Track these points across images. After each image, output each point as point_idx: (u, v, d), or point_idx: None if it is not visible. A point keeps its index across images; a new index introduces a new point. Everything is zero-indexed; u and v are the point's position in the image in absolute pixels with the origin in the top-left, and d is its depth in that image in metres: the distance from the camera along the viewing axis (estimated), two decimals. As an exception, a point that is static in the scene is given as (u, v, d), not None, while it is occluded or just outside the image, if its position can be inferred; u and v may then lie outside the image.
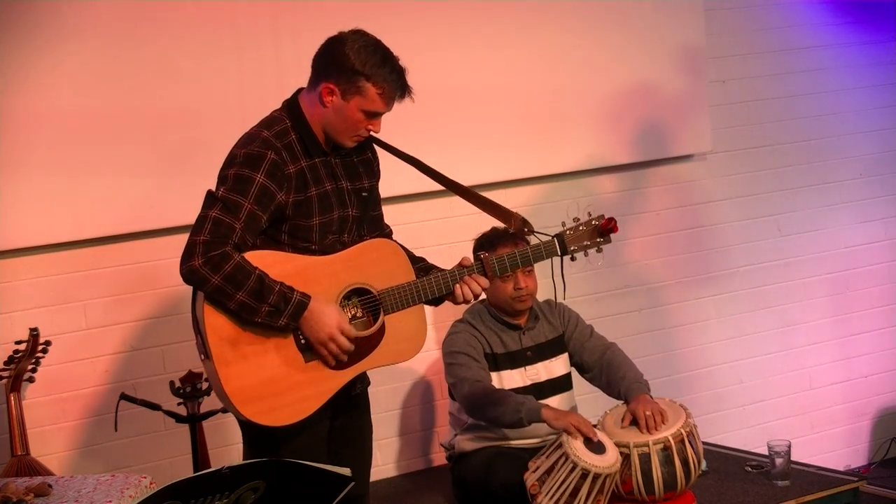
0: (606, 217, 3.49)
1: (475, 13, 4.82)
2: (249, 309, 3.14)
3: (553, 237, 3.49)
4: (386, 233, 3.56)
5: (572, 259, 3.50)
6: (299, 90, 3.37)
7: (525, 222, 3.41)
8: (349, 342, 3.24)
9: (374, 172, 3.48)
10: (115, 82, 4.24)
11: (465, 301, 3.40)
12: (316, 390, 3.26)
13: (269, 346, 3.21)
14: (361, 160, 3.43)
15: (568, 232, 3.49)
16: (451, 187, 3.50)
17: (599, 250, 3.51)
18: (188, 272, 3.15)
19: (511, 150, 4.91)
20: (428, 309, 3.47)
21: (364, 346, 3.31)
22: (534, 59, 4.95)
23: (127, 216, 4.29)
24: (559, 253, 3.48)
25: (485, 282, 3.41)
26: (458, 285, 3.38)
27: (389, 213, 3.65)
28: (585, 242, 3.49)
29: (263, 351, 3.21)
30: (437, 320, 4.69)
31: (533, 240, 3.50)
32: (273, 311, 3.15)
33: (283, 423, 3.21)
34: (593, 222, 3.50)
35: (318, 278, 3.25)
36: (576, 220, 3.51)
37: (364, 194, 3.42)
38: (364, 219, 3.44)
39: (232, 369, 3.17)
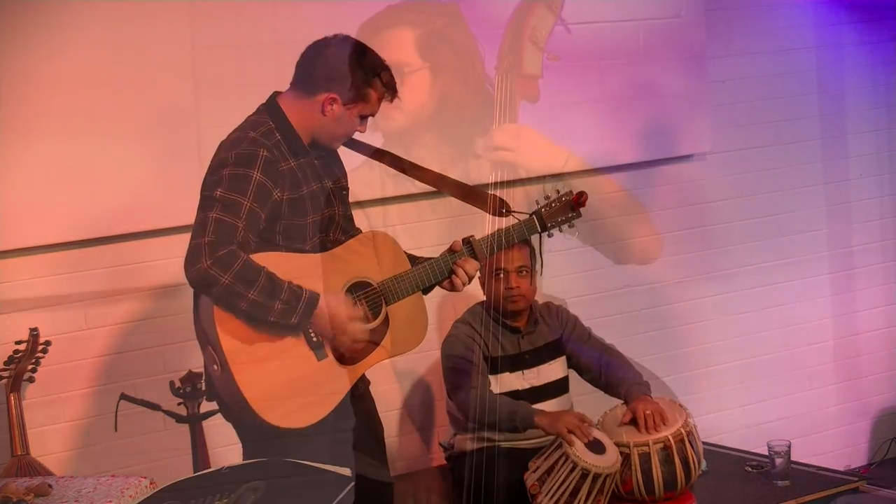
0: (576, 192, 3.61)
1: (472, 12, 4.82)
2: (262, 307, 3.10)
3: (531, 214, 3.58)
4: (358, 230, 3.55)
5: (549, 235, 3.63)
6: (276, 93, 3.35)
7: (503, 202, 3.49)
8: (362, 331, 3.25)
9: (344, 171, 3.49)
10: (114, 81, 4.23)
11: (463, 284, 3.45)
12: (331, 388, 3.25)
13: (281, 347, 3.19)
14: (333, 160, 3.44)
15: (543, 209, 3.60)
16: (422, 177, 3.55)
17: (572, 225, 3.64)
18: (197, 275, 3.09)
19: (510, 150, 4.90)
20: (428, 310, 3.47)
21: (371, 340, 3.32)
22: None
23: (127, 216, 4.28)
24: (539, 229, 3.59)
25: (476, 263, 3.47)
26: (453, 275, 3.43)
27: (389, 214, 3.65)
28: (560, 218, 3.62)
29: (277, 353, 3.18)
30: (437, 320, 4.69)
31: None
32: (286, 309, 3.12)
33: (304, 425, 3.19)
34: (563, 198, 3.62)
35: (319, 276, 3.24)
36: (547, 197, 3.62)
37: (344, 192, 3.44)
38: (344, 217, 3.45)
39: (250, 376, 3.14)
